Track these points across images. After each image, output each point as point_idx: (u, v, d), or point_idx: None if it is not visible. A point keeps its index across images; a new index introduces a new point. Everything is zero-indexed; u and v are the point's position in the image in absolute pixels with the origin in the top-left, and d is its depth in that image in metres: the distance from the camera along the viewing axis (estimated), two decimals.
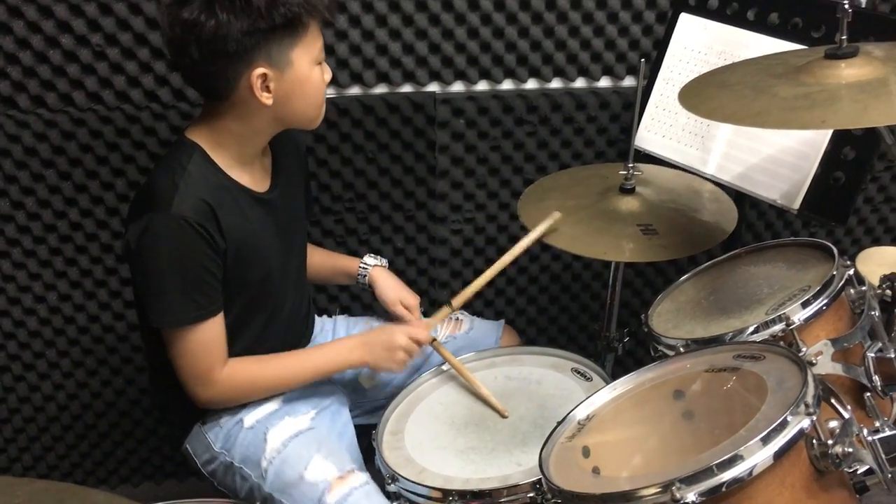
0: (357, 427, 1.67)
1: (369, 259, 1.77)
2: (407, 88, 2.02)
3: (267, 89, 1.36)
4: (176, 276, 1.36)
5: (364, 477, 1.46)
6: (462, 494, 1.35)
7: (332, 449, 1.50)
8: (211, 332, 1.42)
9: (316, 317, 1.82)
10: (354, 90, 2.00)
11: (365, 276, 1.75)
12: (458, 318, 1.84)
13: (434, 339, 1.66)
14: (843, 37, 1.24)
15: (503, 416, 1.54)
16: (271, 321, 1.57)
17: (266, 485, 1.47)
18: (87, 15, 1.82)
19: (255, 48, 1.32)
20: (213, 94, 1.39)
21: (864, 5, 1.95)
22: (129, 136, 1.94)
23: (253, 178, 1.49)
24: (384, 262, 1.78)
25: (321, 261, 1.80)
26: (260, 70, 1.33)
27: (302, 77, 1.38)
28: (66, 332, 2.14)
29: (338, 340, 1.67)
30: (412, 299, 1.72)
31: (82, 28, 1.83)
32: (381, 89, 2.01)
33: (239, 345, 1.49)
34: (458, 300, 1.64)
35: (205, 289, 1.39)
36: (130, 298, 2.11)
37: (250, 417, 1.52)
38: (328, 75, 1.45)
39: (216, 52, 1.30)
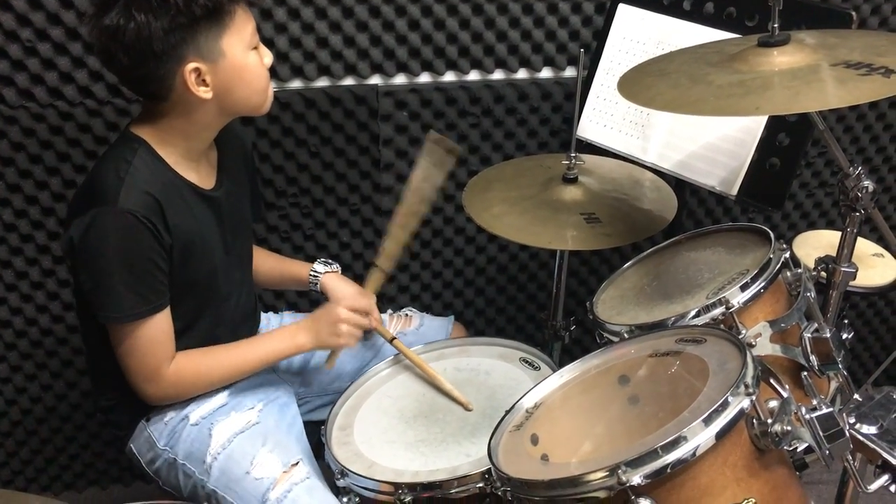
0: (306, 423, 1.65)
1: (319, 266, 1.73)
2: (349, 81, 2.00)
3: (203, 83, 1.34)
4: (123, 270, 1.34)
5: (306, 470, 1.45)
6: (412, 487, 1.34)
7: (278, 441, 1.49)
8: (159, 327, 1.40)
9: (262, 313, 1.79)
10: (296, 84, 1.98)
11: (317, 283, 1.72)
12: (407, 315, 1.84)
13: (394, 338, 1.66)
14: (775, 25, 1.27)
15: (467, 409, 1.53)
16: (217, 319, 1.55)
17: (210, 481, 1.45)
18: (17, 10, 1.77)
19: (181, 44, 1.29)
20: (152, 96, 1.37)
21: None
22: (63, 134, 1.89)
23: (199, 175, 1.47)
24: (336, 267, 1.75)
25: (271, 267, 1.78)
26: (192, 65, 1.31)
27: (238, 65, 1.36)
28: (3, 337, 2.08)
29: (282, 327, 1.65)
30: (366, 301, 1.65)
31: (11, 23, 1.78)
32: (322, 82, 1.99)
33: (184, 343, 1.47)
34: (384, 261, 1.60)
35: (152, 283, 1.37)
36: (68, 300, 2.06)
37: (195, 414, 1.50)
38: (268, 58, 1.42)
39: (143, 54, 1.28)
